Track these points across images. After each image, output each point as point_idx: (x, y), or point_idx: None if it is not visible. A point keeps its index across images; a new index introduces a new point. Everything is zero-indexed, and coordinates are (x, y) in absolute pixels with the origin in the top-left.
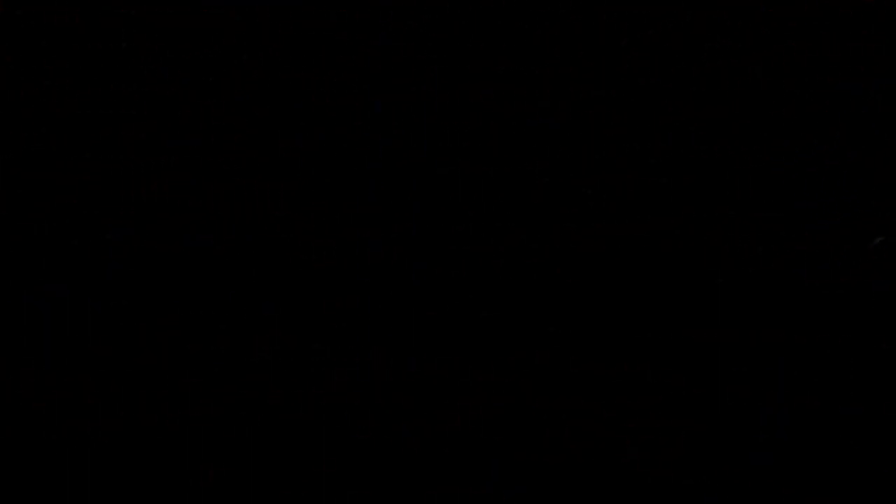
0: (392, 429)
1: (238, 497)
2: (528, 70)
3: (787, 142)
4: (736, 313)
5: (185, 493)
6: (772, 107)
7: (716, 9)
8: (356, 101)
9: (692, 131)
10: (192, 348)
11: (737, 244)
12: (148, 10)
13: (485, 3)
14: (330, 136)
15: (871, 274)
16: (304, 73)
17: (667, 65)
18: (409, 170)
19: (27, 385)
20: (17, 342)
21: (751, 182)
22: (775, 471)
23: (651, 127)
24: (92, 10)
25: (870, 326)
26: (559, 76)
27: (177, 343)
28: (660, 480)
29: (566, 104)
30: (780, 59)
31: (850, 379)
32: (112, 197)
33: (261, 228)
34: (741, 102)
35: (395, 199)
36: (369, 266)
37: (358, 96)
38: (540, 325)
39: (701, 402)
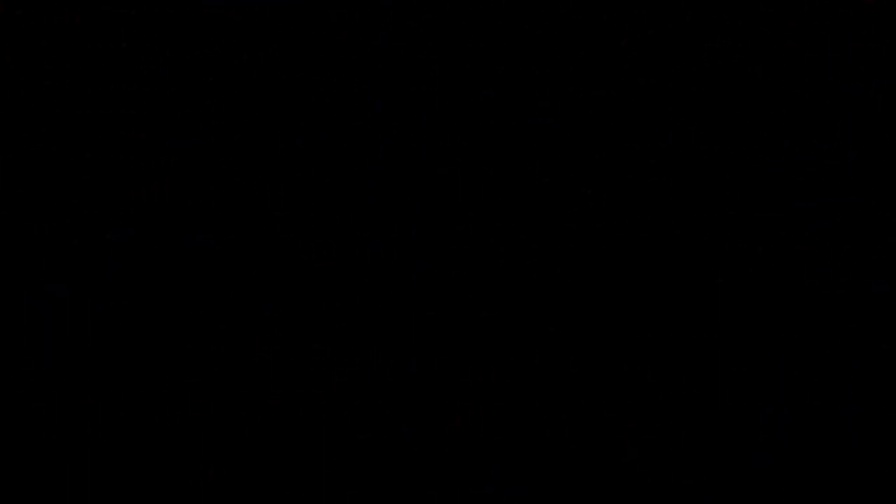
0: (392, 429)
1: (238, 497)
2: (528, 70)
3: (787, 142)
4: (736, 313)
5: (185, 493)
6: (772, 107)
7: (716, 9)
8: (356, 101)
9: (692, 131)
10: (192, 348)
11: (737, 244)
12: (148, 10)
13: (485, 3)
14: (330, 136)
15: (871, 274)
16: (304, 73)
17: (667, 65)
18: (409, 170)
19: (27, 385)
20: (17, 342)
21: (751, 182)
22: (775, 471)
23: (651, 127)
24: (92, 10)
25: (870, 326)
26: (559, 76)
27: (177, 343)
28: (660, 480)
29: (566, 104)
30: (780, 59)
31: (850, 379)
32: (112, 197)
33: (261, 228)
34: (741, 102)
35: (395, 199)
36: (369, 266)
37: (358, 96)
38: (540, 325)
39: (701, 402)
